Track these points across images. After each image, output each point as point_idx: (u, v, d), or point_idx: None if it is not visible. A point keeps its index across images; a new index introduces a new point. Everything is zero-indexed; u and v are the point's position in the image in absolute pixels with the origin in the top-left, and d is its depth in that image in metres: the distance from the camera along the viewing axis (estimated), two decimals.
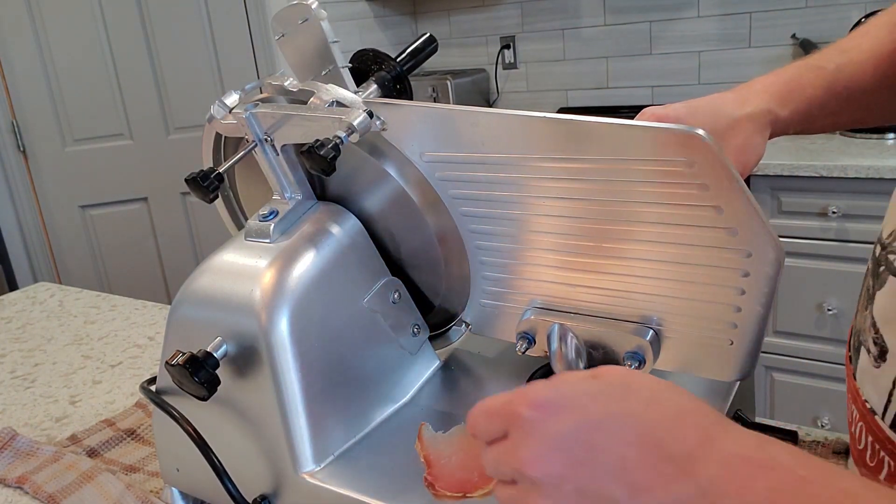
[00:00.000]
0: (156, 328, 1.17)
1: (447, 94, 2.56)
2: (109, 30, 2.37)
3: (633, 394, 0.36)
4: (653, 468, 0.33)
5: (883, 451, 0.41)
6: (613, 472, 0.34)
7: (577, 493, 0.34)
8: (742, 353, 0.52)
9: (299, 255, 0.56)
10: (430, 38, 0.61)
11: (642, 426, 0.34)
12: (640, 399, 0.36)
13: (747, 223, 0.46)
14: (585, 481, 0.34)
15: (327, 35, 0.55)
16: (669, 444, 0.34)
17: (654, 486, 0.33)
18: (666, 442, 0.34)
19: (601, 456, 0.34)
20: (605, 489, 0.34)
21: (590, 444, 0.34)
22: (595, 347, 0.56)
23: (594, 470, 0.34)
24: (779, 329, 1.81)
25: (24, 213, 2.41)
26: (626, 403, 0.36)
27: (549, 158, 0.49)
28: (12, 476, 0.75)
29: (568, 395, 0.36)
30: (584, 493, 0.34)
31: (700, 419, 0.35)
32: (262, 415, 0.55)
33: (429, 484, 0.51)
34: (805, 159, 1.70)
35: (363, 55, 0.58)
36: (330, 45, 0.55)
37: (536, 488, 0.35)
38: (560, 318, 0.57)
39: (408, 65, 0.60)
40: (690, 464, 0.33)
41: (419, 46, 0.61)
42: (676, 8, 2.28)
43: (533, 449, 0.35)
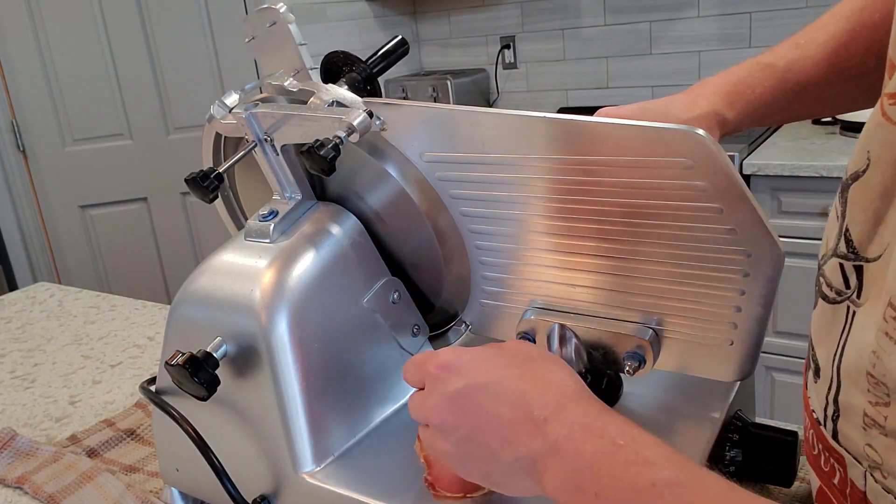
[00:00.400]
0: (156, 328, 1.17)
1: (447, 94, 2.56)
2: (109, 30, 2.37)
3: (517, 364, 0.44)
4: (519, 425, 0.41)
5: (832, 458, 0.42)
6: (491, 426, 0.42)
7: (466, 439, 0.43)
8: (742, 353, 0.52)
9: (299, 255, 0.56)
10: (401, 41, 0.62)
11: (516, 392, 0.42)
12: (520, 368, 0.43)
13: (747, 223, 0.46)
14: (471, 431, 0.43)
15: (295, 38, 0.56)
16: (534, 407, 0.41)
17: (519, 440, 0.41)
18: (532, 406, 0.41)
19: (483, 412, 0.42)
20: (485, 439, 0.42)
21: (476, 402, 0.42)
22: (595, 347, 0.56)
23: (477, 423, 0.42)
24: (779, 329, 1.81)
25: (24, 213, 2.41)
26: (508, 370, 0.43)
27: (549, 158, 0.49)
28: (12, 476, 0.75)
29: (465, 359, 0.44)
30: (471, 439, 0.43)
31: (562, 390, 0.42)
32: (262, 415, 0.55)
33: (429, 484, 0.51)
34: (805, 159, 1.70)
35: (334, 57, 0.59)
36: (298, 47, 0.56)
37: (439, 432, 0.44)
38: (560, 318, 0.56)
39: (378, 66, 0.60)
40: (545, 425, 0.40)
41: (390, 49, 0.62)
42: (676, 8, 2.28)
43: (435, 401, 0.44)
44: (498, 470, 0.42)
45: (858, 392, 0.39)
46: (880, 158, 0.38)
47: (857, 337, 0.40)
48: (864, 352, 0.37)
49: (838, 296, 0.43)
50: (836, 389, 0.42)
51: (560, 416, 0.40)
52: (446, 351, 0.46)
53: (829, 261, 0.45)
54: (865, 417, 0.38)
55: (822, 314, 0.46)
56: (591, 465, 0.37)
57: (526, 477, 0.41)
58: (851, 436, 0.40)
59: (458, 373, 0.44)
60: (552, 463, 0.39)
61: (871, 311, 0.38)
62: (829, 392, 0.43)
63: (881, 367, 0.35)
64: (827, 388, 0.43)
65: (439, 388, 0.44)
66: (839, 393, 0.42)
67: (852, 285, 0.41)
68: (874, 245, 0.39)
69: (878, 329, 0.36)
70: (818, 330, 0.46)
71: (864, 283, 0.40)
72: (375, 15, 2.70)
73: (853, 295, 0.41)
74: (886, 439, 0.37)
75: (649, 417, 0.58)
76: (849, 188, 0.42)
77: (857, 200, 0.41)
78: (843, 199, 0.43)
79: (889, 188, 0.38)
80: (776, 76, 0.59)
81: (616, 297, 0.54)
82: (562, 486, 0.38)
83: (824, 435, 0.44)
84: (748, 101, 0.59)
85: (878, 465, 0.38)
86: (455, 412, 0.43)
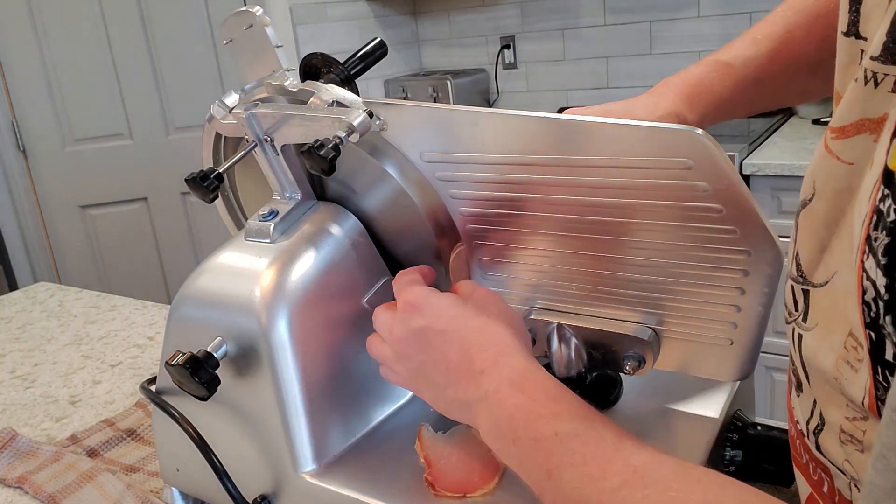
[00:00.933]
0: (156, 328, 1.17)
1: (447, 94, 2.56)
2: (109, 30, 2.37)
3: (473, 317, 0.49)
4: (461, 371, 0.47)
5: (818, 468, 0.42)
6: (439, 367, 0.48)
7: (417, 370, 0.50)
8: (742, 353, 0.52)
9: (299, 255, 0.56)
10: (379, 43, 0.63)
11: (465, 341, 0.48)
12: (475, 321, 0.49)
13: (747, 223, 0.46)
14: (422, 365, 0.50)
15: (271, 40, 0.57)
16: (475, 360, 0.47)
17: (459, 385, 0.47)
18: (474, 358, 0.47)
19: (435, 352, 0.49)
20: (432, 375, 0.49)
21: (430, 342, 0.49)
22: (595, 347, 0.56)
23: (429, 360, 0.49)
24: (779, 329, 1.81)
25: (24, 213, 2.41)
26: (464, 321, 0.49)
27: (549, 158, 0.49)
28: (12, 476, 0.75)
29: (432, 303, 0.50)
30: (420, 371, 0.50)
31: (501, 348, 0.47)
32: (262, 415, 0.55)
33: (429, 484, 0.51)
34: (805, 159, 1.70)
35: (312, 58, 0.60)
36: (274, 49, 0.57)
37: (395, 355, 0.52)
38: (560, 318, 0.57)
39: (356, 68, 0.61)
40: (481, 377, 0.46)
41: (368, 51, 0.62)
42: (676, 8, 2.28)
43: (397, 330, 0.51)
44: (441, 401, 0.49)
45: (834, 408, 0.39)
46: (825, 189, 0.39)
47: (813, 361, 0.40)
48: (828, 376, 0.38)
49: (789, 316, 0.44)
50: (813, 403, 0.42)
51: (494, 371, 0.45)
52: (417, 289, 0.52)
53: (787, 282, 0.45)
54: (842, 434, 0.38)
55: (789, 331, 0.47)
56: (511, 417, 0.43)
57: (462, 413, 0.48)
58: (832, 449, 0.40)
59: (423, 313, 0.50)
60: (482, 410, 0.45)
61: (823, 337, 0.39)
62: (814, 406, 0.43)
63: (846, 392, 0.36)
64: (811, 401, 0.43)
65: (404, 321, 0.50)
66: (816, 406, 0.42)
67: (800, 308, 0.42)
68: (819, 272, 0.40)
69: (839, 357, 0.36)
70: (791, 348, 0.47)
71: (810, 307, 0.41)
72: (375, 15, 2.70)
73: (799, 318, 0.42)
74: (862, 455, 0.37)
75: (649, 417, 0.58)
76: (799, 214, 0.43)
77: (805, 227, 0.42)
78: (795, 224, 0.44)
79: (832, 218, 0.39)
80: (734, 75, 0.60)
81: (616, 297, 0.54)
82: (489, 430, 0.45)
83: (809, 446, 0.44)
84: (708, 101, 0.60)
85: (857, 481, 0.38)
86: (413, 346, 0.50)
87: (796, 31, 0.60)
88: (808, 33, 0.59)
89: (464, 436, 0.56)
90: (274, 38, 0.57)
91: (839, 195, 0.38)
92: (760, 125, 2.03)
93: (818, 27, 0.59)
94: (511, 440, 0.43)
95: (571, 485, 0.38)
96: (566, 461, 0.39)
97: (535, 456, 0.41)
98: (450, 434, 0.56)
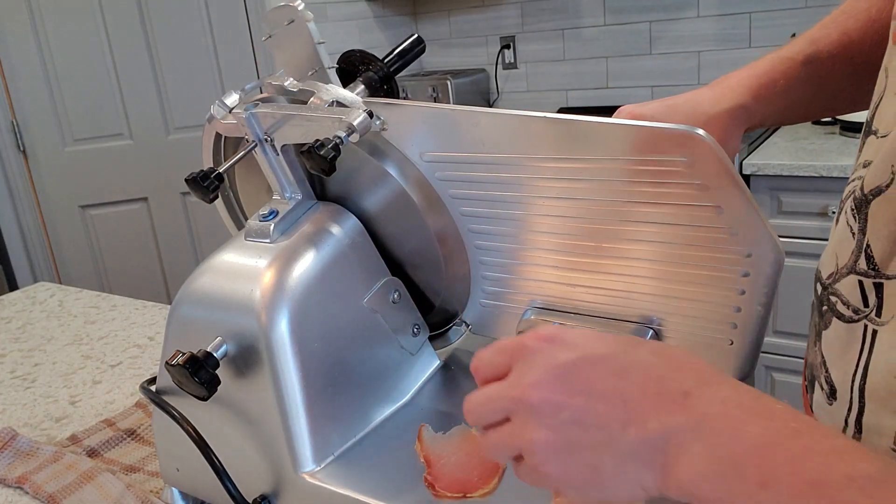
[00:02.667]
0: (156, 328, 1.17)
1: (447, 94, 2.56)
2: (109, 30, 2.37)
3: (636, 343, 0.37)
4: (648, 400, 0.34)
5: None
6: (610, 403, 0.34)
7: (573, 422, 0.35)
8: (742, 353, 0.52)
9: (299, 255, 0.56)
10: (417, 39, 0.62)
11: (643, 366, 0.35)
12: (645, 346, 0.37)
13: (747, 223, 0.46)
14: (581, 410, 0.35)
15: (314, 36, 0.55)
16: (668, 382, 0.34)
17: (648, 416, 0.33)
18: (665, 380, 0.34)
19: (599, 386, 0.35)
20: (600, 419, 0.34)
21: (589, 377, 0.35)
22: None
23: (590, 399, 0.35)
24: (779, 329, 1.81)
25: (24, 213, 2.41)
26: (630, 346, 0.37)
27: (549, 158, 0.49)
28: (12, 476, 0.75)
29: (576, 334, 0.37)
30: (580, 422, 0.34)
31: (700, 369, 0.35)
32: (262, 415, 0.55)
33: (429, 484, 0.51)
34: (805, 159, 1.70)
35: (350, 56, 0.59)
36: (316, 46, 0.56)
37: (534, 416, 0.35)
38: (560, 318, 0.57)
39: (395, 66, 0.60)
40: (687, 400, 0.33)
41: (407, 47, 0.62)
42: (676, 8, 2.28)
43: (536, 375, 0.36)
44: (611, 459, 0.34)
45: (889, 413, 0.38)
46: None
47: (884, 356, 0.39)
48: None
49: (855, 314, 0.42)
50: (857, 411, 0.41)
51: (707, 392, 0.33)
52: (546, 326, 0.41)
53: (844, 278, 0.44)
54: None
55: (836, 334, 0.44)
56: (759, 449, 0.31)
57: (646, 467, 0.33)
58: None
59: (569, 344, 0.37)
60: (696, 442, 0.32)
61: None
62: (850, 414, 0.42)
63: None
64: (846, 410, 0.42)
65: (541, 361, 0.36)
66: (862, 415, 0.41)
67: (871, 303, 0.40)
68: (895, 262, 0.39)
69: None
70: (832, 351, 0.45)
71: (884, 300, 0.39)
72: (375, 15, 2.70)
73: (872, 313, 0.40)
74: None
75: None
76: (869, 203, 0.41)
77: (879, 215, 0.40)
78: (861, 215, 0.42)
79: None
80: (797, 69, 0.60)
81: (616, 297, 0.54)
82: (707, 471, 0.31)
83: None
84: (773, 94, 0.59)
85: None
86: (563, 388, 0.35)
87: (854, 35, 0.59)
88: (864, 38, 0.59)
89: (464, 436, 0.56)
90: (316, 34, 0.55)
91: None
92: None
93: (874, 33, 0.59)
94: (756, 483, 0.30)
95: None
96: None
97: None
98: (450, 434, 0.56)
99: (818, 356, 0.48)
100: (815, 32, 0.61)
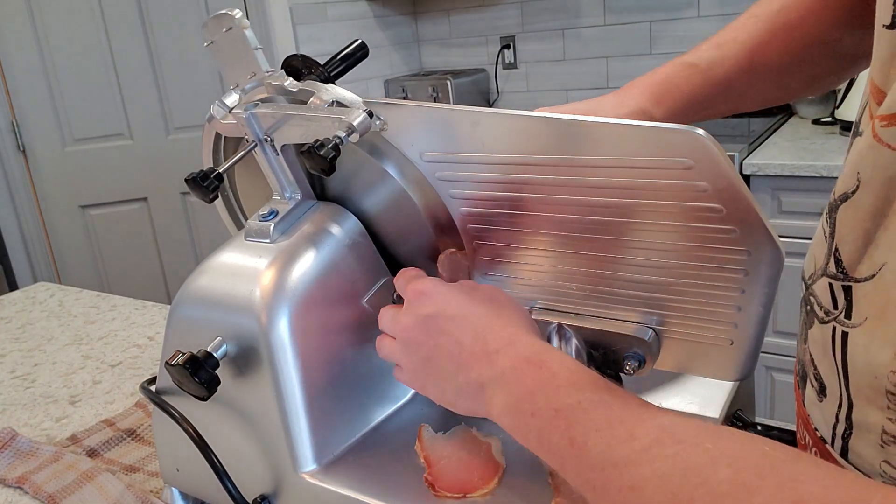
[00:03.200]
0: (156, 328, 1.17)
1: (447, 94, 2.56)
2: (109, 30, 2.37)
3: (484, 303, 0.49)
4: (474, 353, 0.46)
5: None
6: (451, 351, 0.47)
7: (426, 358, 0.49)
8: (742, 353, 0.52)
9: (299, 255, 0.56)
10: (360, 45, 0.63)
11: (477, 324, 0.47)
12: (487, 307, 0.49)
13: (747, 223, 0.46)
14: (432, 352, 0.48)
15: (250, 43, 0.58)
16: (489, 341, 0.46)
17: (472, 366, 0.46)
18: (488, 339, 0.46)
19: (446, 338, 0.47)
20: (442, 361, 0.47)
21: (441, 328, 0.48)
22: (595, 347, 0.56)
23: (439, 345, 0.48)
24: (779, 329, 1.81)
25: (24, 213, 2.41)
26: (476, 307, 0.48)
27: (549, 158, 0.49)
28: (12, 476, 0.75)
29: (441, 290, 0.50)
30: (430, 359, 0.48)
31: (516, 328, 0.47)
32: (262, 415, 0.55)
33: (429, 484, 0.51)
34: (805, 159, 1.70)
35: (293, 60, 0.61)
36: (253, 52, 0.58)
37: (404, 346, 0.50)
38: (560, 318, 0.57)
39: (337, 70, 0.61)
40: (496, 356, 0.45)
41: (349, 52, 0.63)
42: (676, 8, 2.29)
43: (407, 320, 0.50)
44: (450, 389, 0.47)
45: (875, 409, 0.39)
46: (872, 180, 0.38)
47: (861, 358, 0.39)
48: (880, 372, 0.37)
49: (826, 315, 0.43)
50: (847, 408, 0.42)
51: (509, 350, 0.45)
52: (426, 279, 0.52)
53: (818, 280, 0.45)
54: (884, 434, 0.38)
55: (817, 334, 0.46)
56: (530, 391, 0.42)
57: (473, 399, 0.46)
58: (864, 453, 0.40)
59: (432, 300, 0.49)
60: (498, 389, 0.44)
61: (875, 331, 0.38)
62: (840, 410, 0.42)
63: None
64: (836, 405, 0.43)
65: (413, 309, 0.50)
66: (852, 411, 0.41)
67: (840, 305, 0.42)
68: (864, 265, 0.39)
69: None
70: (817, 349, 0.47)
71: (853, 303, 0.40)
72: (376, 15, 2.70)
73: (840, 315, 0.42)
74: None
75: None
76: (837, 209, 0.42)
77: (846, 221, 0.41)
78: (831, 220, 0.43)
79: (880, 209, 0.38)
80: (699, 75, 0.62)
81: (616, 297, 0.54)
82: (504, 409, 0.43)
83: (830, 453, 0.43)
84: (674, 99, 0.62)
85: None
86: (422, 332, 0.49)
87: (760, 38, 0.62)
88: (770, 42, 0.62)
89: (464, 436, 0.56)
90: (253, 41, 0.58)
91: (889, 184, 0.37)
92: (760, 125, 2.03)
93: (780, 38, 0.61)
94: (529, 414, 0.41)
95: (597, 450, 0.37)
96: (591, 427, 0.38)
97: (556, 426, 0.39)
98: (450, 434, 0.56)
99: (807, 353, 0.49)
100: (721, 37, 0.64)
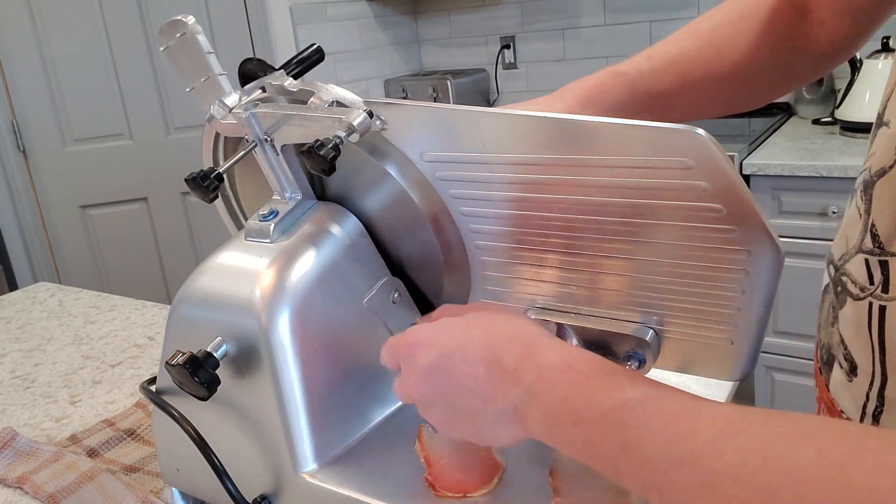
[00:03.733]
0: (156, 328, 1.17)
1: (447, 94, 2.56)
2: (109, 30, 2.37)
3: (477, 326, 0.46)
4: (494, 380, 0.43)
5: None
6: (469, 388, 0.44)
7: (449, 406, 0.45)
8: (742, 353, 0.52)
9: (299, 255, 0.56)
10: (317, 49, 0.64)
11: (483, 350, 0.44)
12: (481, 328, 0.46)
13: (747, 223, 0.46)
14: (451, 397, 0.45)
15: (203, 47, 0.60)
16: (504, 360, 0.43)
17: (497, 394, 0.42)
18: (501, 359, 0.43)
19: (458, 377, 0.44)
20: (465, 401, 0.44)
21: (448, 370, 0.44)
22: (595, 347, 0.56)
23: (454, 388, 0.44)
24: (779, 329, 1.81)
25: (24, 213, 2.41)
26: (470, 333, 0.45)
27: (550, 158, 0.49)
28: (12, 476, 0.75)
29: (431, 334, 0.47)
30: (453, 405, 0.45)
31: (524, 338, 0.44)
32: (262, 415, 0.55)
33: (429, 484, 0.51)
34: (805, 159, 1.70)
35: (248, 63, 0.62)
36: (206, 55, 0.60)
37: (421, 407, 0.47)
38: (560, 318, 0.57)
39: (292, 73, 0.62)
40: (518, 374, 0.42)
41: (305, 56, 0.64)
42: (676, 8, 2.28)
43: (410, 379, 0.47)
44: (485, 425, 0.44)
45: None
46: None
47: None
48: None
49: (861, 292, 0.43)
50: (880, 385, 0.42)
51: (529, 362, 0.42)
52: (413, 330, 0.49)
53: (853, 258, 0.45)
54: None
55: (851, 312, 0.47)
56: (565, 399, 0.39)
57: (512, 425, 0.43)
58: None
59: (426, 346, 0.46)
60: (530, 405, 0.41)
61: None
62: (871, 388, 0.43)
63: None
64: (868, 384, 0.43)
65: (412, 365, 0.47)
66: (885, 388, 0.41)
67: (876, 280, 0.42)
68: None
69: None
70: (848, 329, 0.47)
71: (890, 276, 0.40)
72: (376, 15, 2.70)
73: (877, 290, 0.42)
74: None
75: None
76: (874, 185, 0.42)
77: (883, 196, 0.41)
78: (867, 196, 0.43)
79: None
80: (627, 84, 0.64)
81: (616, 297, 0.54)
82: (543, 424, 0.40)
83: None
84: (601, 105, 0.64)
85: None
86: (432, 384, 0.46)
87: (691, 54, 0.64)
88: (700, 58, 0.64)
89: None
90: (205, 45, 0.60)
91: None
92: (760, 125, 2.03)
93: (711, 55, 0.64)
94: (571, 423, 0.39)
95: (656, 450, 0.34)
96: (644, 427, 0.35)
97: (605, 432, 0.37)
98: None
99: (836, 336, 0.50)
100: (654, 50, 0.66)
